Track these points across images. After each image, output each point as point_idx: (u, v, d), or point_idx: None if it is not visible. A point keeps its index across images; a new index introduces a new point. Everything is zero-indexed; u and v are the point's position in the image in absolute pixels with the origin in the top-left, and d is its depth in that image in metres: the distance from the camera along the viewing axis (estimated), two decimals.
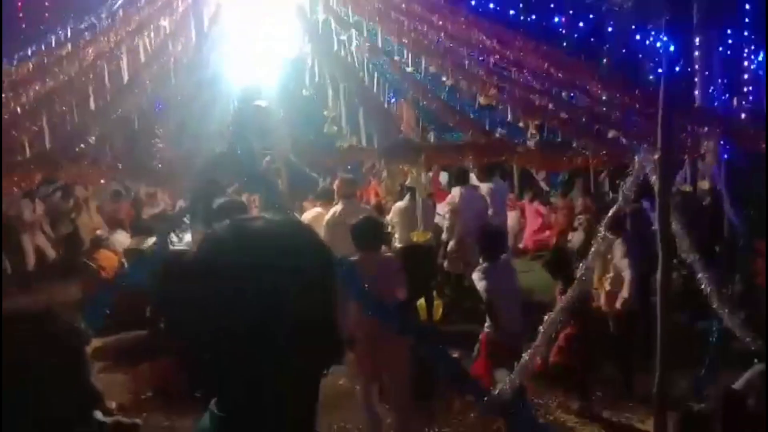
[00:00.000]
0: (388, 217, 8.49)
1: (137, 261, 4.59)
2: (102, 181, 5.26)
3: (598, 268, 5.69)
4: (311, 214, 7.90)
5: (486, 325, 5.34)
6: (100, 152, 4.77)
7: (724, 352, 5.50)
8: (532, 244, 11.18)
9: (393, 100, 10.60)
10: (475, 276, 5.40)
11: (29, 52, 6.50)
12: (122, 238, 9.48)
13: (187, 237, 5.17)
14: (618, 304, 5.76)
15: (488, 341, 5.32)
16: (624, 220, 6.12)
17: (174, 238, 4.40)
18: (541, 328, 4.35)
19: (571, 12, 11.15)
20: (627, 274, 5.77)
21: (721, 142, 5.90)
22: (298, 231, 1.08)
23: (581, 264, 4.62)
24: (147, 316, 7.44)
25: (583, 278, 4.42)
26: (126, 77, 5.83)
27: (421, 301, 7.87)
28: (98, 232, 9.21)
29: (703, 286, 4.92)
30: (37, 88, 5.27)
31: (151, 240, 8.64)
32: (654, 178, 4.36)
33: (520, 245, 11.26)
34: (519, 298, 5.56)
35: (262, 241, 1.02)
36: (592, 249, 4.53)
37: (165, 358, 5.99)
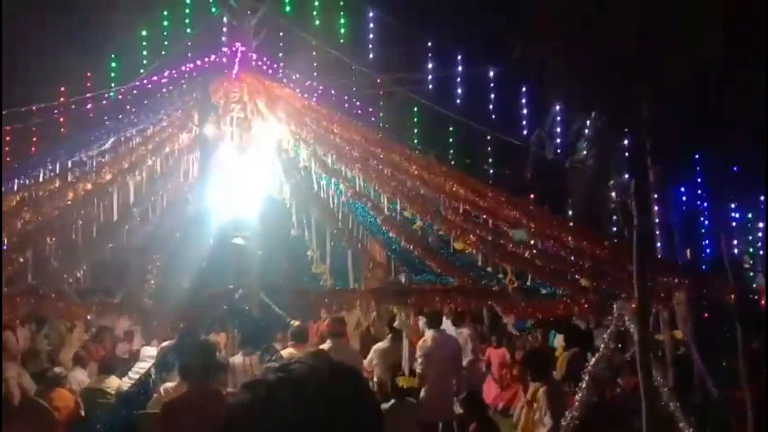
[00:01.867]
0: (366, 360, 8.33)
1: (119, 401, 4.41)
2: (88, 317, 5.13)
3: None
4: (284, 355, 7.73)
5: None
6: (85, 287, 4.73)
7: None
8: (497, 399, 10.69)
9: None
10: None
11: (15, 186, 6.60)
12: (80, 377, 9.00)
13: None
14: None
15: None
16: (547, 367, 6.24)
17: (156, 377, 4.26)
18: None
19: (536, 168, 11.96)
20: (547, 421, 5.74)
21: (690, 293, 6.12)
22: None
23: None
24: None
25: None
26: (115, 214, 5.91)
27: None
28: (56, 369, 8.72)
29: None
30: (23, 221, 5.30)
31: (111, 380, 8.28)
32: (632, 327, 4.49)
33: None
34: None
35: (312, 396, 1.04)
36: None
37: None
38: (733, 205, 13.04)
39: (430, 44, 13.31)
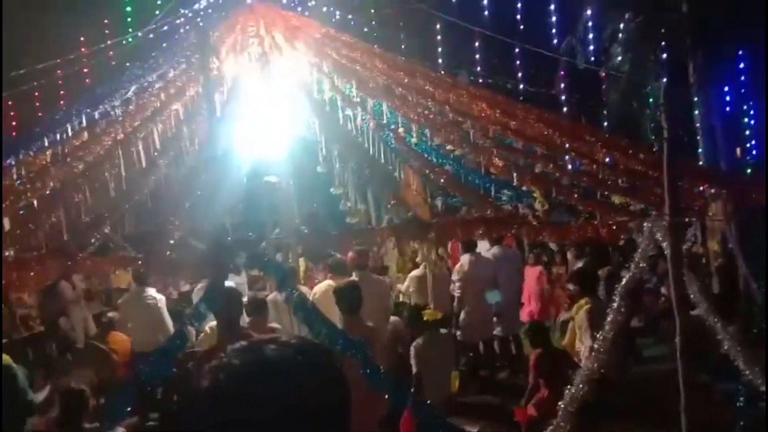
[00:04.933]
0: (403, 286, 8.45)
1: (158, 354, 4.61)
2: (116, 272, 5.32)
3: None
4: (323, 286, 7.89)
5: None
6: (113, 241, 4.87)
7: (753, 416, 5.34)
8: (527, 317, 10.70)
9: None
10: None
11: (46, 142, 6.72)
12: None
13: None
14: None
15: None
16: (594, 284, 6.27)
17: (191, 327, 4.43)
18: (561, 404, 4.29)
19: (569, 77, 11.48)
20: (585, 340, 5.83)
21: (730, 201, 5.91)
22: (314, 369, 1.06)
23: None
24: (158, 398, 7.37)
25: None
26: (143, 162, 5.99)
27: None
28: (110, 314, 9.11)
29: (725, 347, 4.86)
30: (54, 178, 5.40)
31: None
32: (665, 243, 4.38)
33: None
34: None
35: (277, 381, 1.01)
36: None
37: None
38: None
39: None
